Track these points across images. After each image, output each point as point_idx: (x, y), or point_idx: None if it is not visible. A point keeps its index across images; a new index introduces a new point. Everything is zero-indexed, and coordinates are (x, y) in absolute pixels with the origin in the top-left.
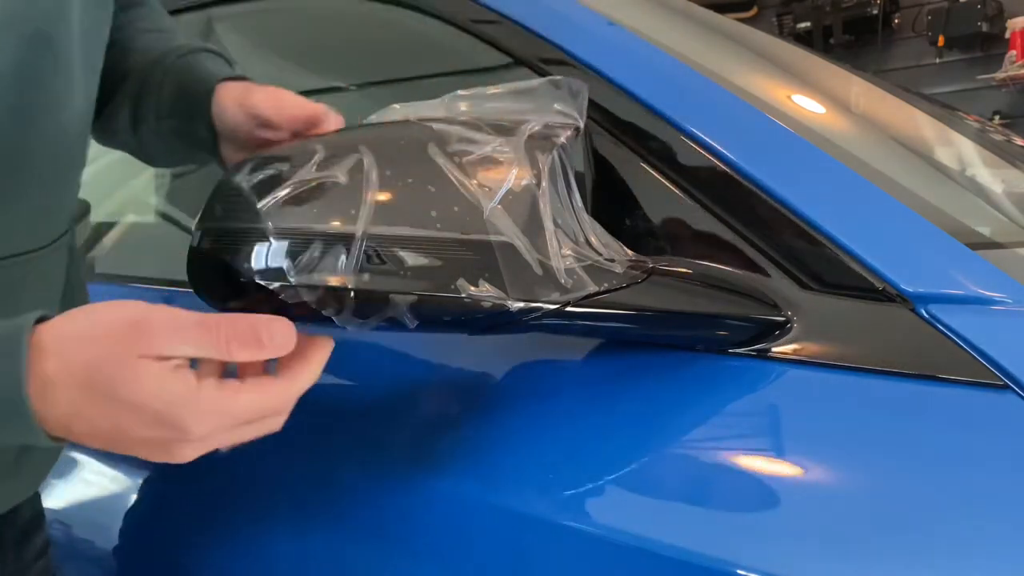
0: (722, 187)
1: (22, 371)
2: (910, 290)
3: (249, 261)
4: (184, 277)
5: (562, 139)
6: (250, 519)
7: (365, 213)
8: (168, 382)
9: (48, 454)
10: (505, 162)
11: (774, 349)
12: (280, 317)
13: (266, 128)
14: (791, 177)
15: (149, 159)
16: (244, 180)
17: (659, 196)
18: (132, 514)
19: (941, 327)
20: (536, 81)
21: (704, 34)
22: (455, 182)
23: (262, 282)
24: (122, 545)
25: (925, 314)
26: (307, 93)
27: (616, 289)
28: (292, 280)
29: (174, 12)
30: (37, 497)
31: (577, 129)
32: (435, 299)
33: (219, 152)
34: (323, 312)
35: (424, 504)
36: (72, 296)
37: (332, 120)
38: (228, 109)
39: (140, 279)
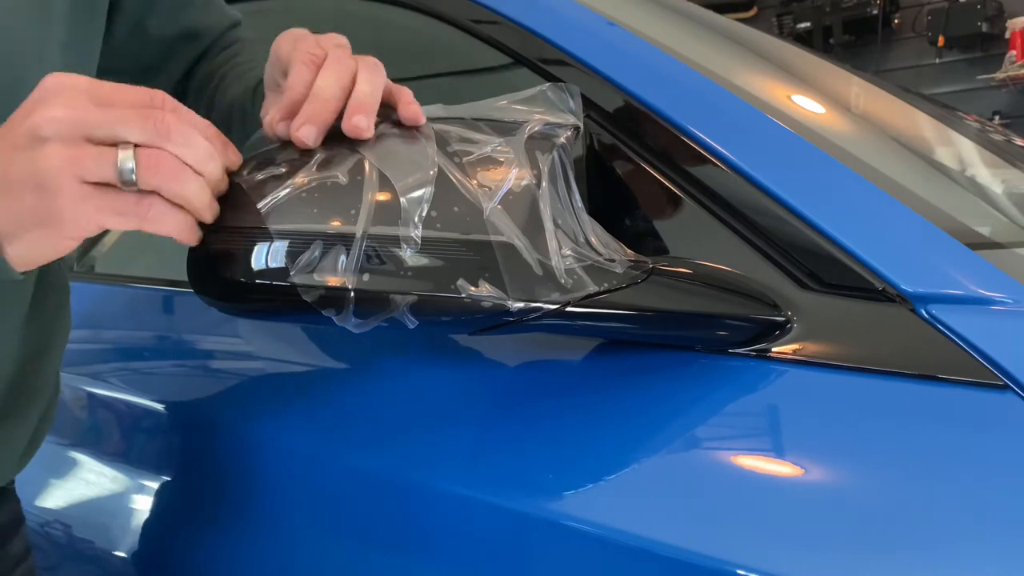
0: (722, 187)
1: None
2: (910, 290)
3: (249, 261)
4: (184, 277)
5: (562, 139)
6: (250, 519)
7: (365, 213)
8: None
9: (21, 433)
10: (505, 162)
11: (774, 349)
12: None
13: None
14: (791, 177)
15: None
16: (244, 180)
17: (659, 196)
18: (132, 515)
19: (941, 327)
20: (531, 91)
21: (704, 34)
22: (455, 182)
23: (262, 282)
24: (123, 546)
25: (925, 314)
26: None
27: (616, 289)
28: (292, 280)
29: None
30: (14, 499)
31: (577, 129)
32: (435, 299)
33: None
34: (323, 312)
35: (424, 504)
36: (46, 292)
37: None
38: None
39: (140, 279)
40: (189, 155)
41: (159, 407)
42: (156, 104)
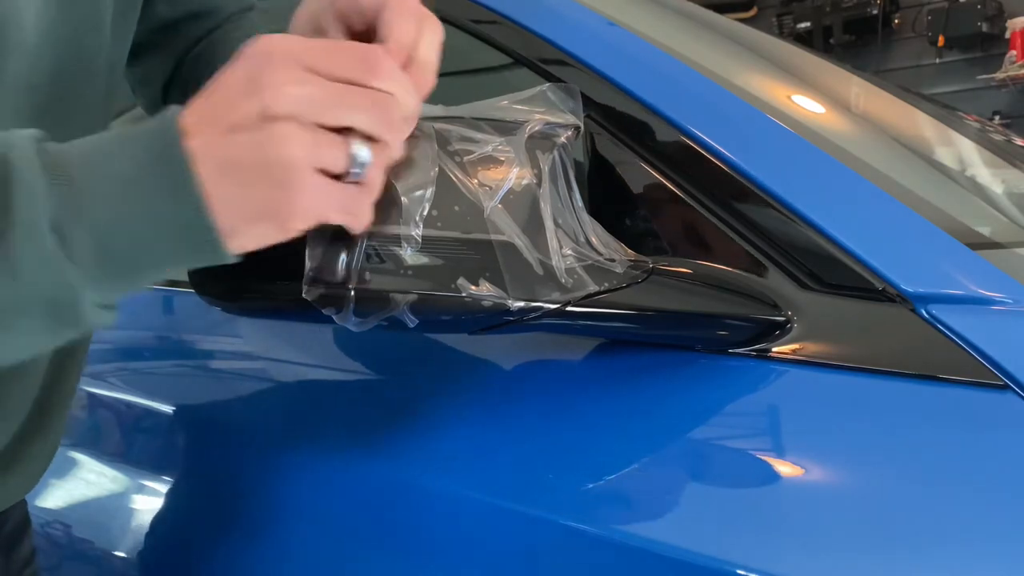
0: (722, 187)
1: (199, 197)
2: (910, 290)
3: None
4: (184, 277)
5: (562, 139)
6: (249, 519)
7: None
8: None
9: (45, 448)
10: (506, 161)
11: (774, 349)
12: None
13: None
14: (791, 177)
15: None
16: None
17: (659, 196)
18: (132, 515)
19: (941, 327)
20: (531, 91)
21: (704, 34)
22: (456, 181)
23: (262, 282)
24: (123, 546)
25: (925, 314)
26: None
27: (616, 289)
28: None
29: None
30: (24, 502)
31: (577, 129)
32: (435, 298)
33: None
34: (323, 312)
35: (423, 504)
36: None
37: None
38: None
39: None
40: (398, 146)
41: (159, 407)
42: (374, 69)
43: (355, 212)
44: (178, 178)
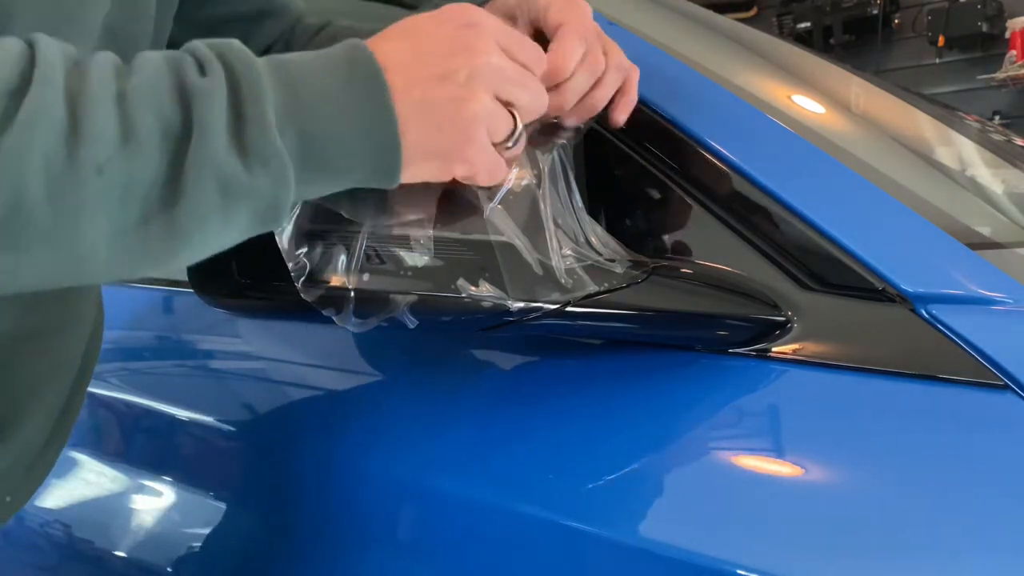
0: (722, 187)
1: (393, 116)
2: (910, 290)
3: (250, 261)
4: (184, 277)
5: (562, 139)
6: (248, 518)
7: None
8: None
9: (56, 457)
10: None
11: (774, 349)
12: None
13: None
14: (791, 177)
15: None
16: None
17: (659, 196)
18: (132, 515)
19: (941, 327)
20: None
21: (704, 34)
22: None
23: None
24: (123, 546)
25: (925, 314)
26: None
27: (616, 289)
28: (293, 280)
29: None
30: None
31: (577, 129)
32: (435, 299)
33: None
34: (323, 312)
35: (423, 504)
36: (95, 313)
37: None
38: None
39: (140, 279)
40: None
41: (159, 407)
42: (537, 64)
43: (496, 174)
44: (380, 101)
